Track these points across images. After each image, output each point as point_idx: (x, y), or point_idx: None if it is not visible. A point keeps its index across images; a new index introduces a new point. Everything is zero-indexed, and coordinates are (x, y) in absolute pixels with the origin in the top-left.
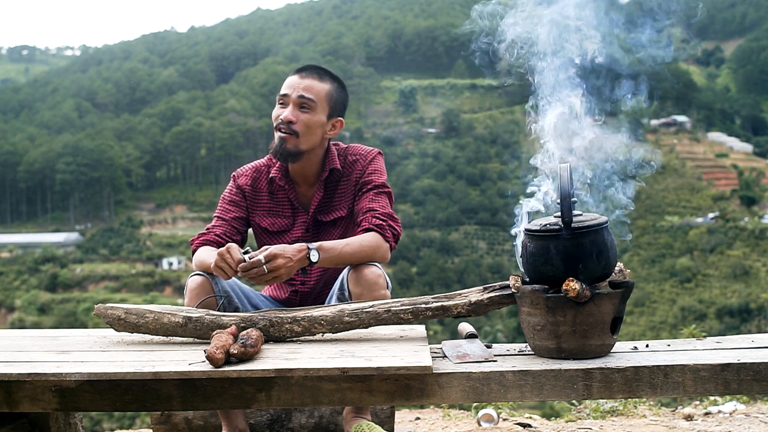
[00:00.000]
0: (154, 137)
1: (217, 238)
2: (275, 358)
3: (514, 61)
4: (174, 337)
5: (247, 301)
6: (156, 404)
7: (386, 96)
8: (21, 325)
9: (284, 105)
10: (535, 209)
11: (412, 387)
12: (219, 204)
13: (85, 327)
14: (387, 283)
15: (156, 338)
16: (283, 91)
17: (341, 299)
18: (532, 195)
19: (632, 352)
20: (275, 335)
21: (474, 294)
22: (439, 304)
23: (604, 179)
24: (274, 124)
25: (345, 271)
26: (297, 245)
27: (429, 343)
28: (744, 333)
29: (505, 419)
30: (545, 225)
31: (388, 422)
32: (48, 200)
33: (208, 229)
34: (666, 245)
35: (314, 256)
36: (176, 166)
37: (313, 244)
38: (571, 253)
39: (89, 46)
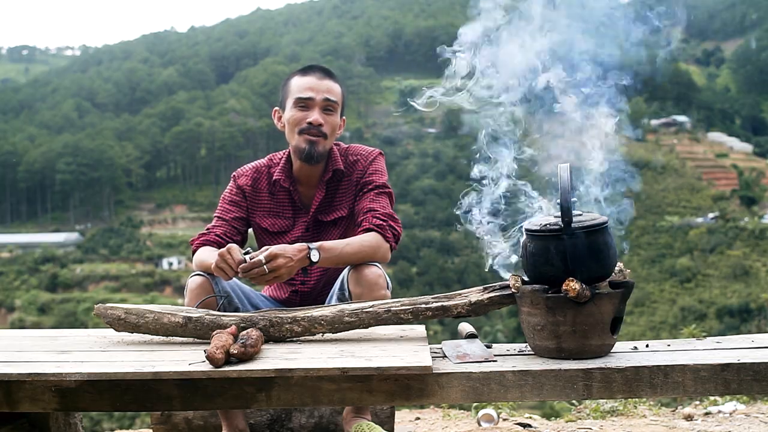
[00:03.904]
0: (154, 137)
1: (217, 238)
2: (275, 358)
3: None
4: (174, 337)
5: (247, 301)
6: (156, 404)
7: (386, 96)
8: (21, 325)
9: (306, 108)
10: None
11: (412, 387)
12: (219, 204)
13: (85, 327)
14: (387, 283)
15: (156, 338)
16: (304, 95)
17: (341, 299)
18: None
19: (632, 352)
20: (275, 335)
21: (474, 294)
22: (439, 304)
23: (604, 180)
24: (298, 128)
25: (345, 271)
26: (297, 245)
27: (429, 343)
28: (744, 333)
29: (505, 419)
30: (545, 225)
31: (388, 422)
32: (48, 200)
33: (208, 229)
34: (666, 245)
35: (315, 256)
36: (176, 166)
37: (313, 244)
38: (571, 253)
39: (89, 46)
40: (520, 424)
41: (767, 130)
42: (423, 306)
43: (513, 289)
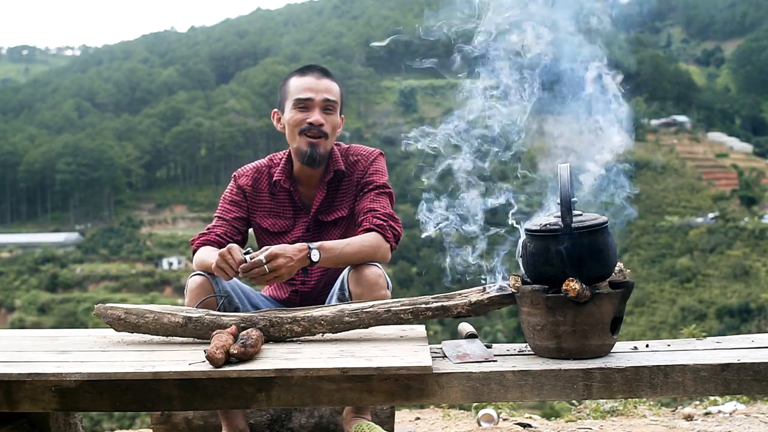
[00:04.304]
0: (154, 137)
1: (217, 238)
2: (275, 358)
3: (511, 61)
4: (174, 337)
5: (247, 301)
6: (156, 404)
7: (386, 96)
8: (21, 325)
9: (306, 109)
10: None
11: (412, 387)
12: (220, 204)
13: (85, 327)
14: (387, 283)
15: (156, 338)
16: (304, 95)
17: (341, 299)
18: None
19: (632, 352)
20: (275, 335)
21: (474, 294)
22: (439, 304)
23: (603, 180)
24: (298, 129)
25: (345, 271)
26: (298, 245)
27: (429, 343)
28: (744, 333)
29: (505, 419)
30: (545, 225)
31: (388, 422)
32: (48, 200)
33: (208, 229)
34: (666, 245)
35: (315, 256)
36: (176, 166)
37: (314, 243)
38: (571, 253)
39: (89, 46)
40: (520, 424)
41: (767, 130)
42: (423, 306)
43: (513, 289)
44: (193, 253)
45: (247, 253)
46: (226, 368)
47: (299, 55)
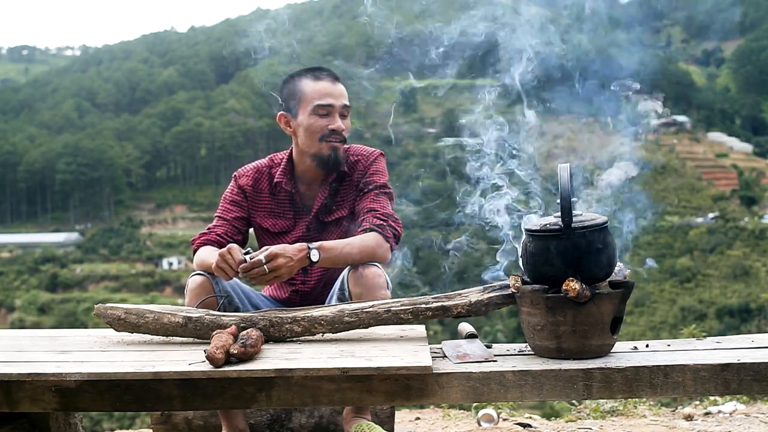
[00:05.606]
0: (154, 137)
1: (218, 238)
2: (275, 358)
3: (511, 62)
4: (174, 337)
5: (247, 301)
6: (156, 404)
7: (386, 96)
8: (21, 325)
9: (326, 115)
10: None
11: (412, 387)
12: (220, 204)
13: (85, 327)
14: (387, 283)
15: (156, 338)
16: (324, 102)
17: (341, 299)
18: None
19: (632, 352)
20: (275, 335)
21: (474, 294)
22: (439, 304)
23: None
24: (320, 135)
25: (345, 271)
26: (298, 245)
27: (429, 343)
28: (744, 333)
29: (505, 419)
30: (545, 225)
31: (388, 422)
32: (48, 200)
33: (209, 228)
34: (666, 245)
35: (315, 256)
36: (176, 166)
37: (313, 243)
38: (571, 253)
39: (89, 46)
40: (520, 424)
41: (767, 130)
42: (423, 306)
43: (513, 289)
44: (194, 253)
45: (247, 253)
46: (226, 368)
47: (300, 56)
